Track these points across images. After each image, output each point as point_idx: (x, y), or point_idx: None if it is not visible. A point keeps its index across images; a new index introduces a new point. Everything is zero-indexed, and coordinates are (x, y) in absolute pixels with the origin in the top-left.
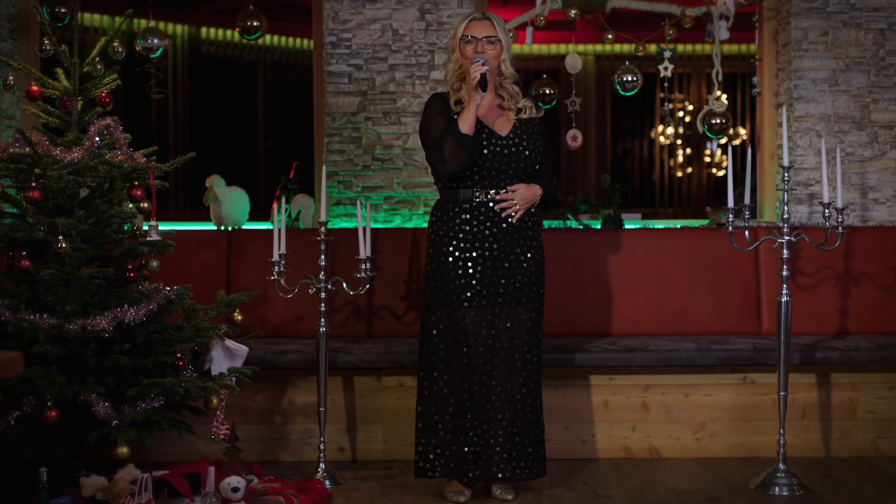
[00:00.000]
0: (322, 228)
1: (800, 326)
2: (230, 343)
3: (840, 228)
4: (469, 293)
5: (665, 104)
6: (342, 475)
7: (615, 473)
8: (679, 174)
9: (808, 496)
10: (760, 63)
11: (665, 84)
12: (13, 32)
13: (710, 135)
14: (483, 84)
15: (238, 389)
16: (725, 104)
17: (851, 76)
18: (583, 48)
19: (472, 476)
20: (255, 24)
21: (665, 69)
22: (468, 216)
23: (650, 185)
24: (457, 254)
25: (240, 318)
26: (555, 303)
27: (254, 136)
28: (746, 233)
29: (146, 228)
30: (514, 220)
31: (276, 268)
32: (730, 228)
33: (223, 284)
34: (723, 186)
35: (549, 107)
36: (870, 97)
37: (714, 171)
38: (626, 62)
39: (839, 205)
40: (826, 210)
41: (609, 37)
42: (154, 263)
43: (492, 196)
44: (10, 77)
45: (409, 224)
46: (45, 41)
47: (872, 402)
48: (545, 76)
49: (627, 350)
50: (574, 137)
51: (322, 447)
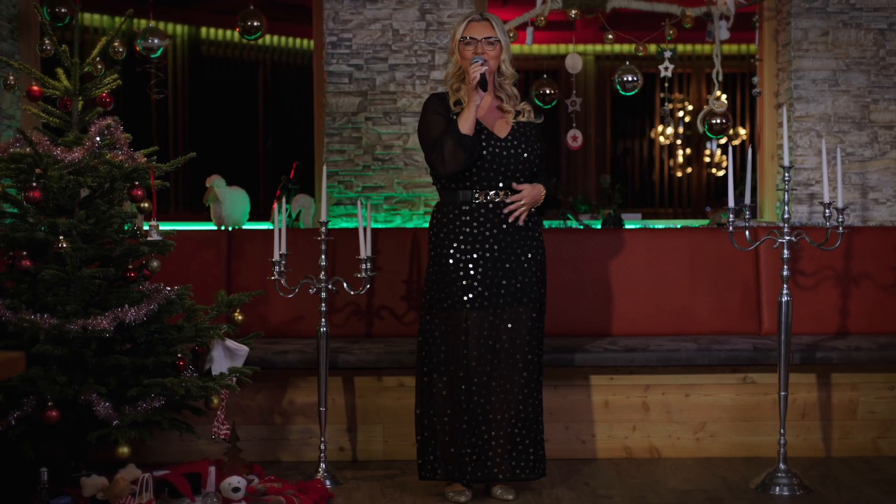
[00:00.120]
0: (322, 228)
1: (800, 326)
2: (231, 343)
3: (840, 228)
4: (471, 294)
5: (665, 104)
6: (343, 475)
7: (615, 473)
8: (679, 174)
9: (809, 496)
10: (760, 63)
11: (665, 84)
12: (13, 32)
13: (711, 135)
14: (483, 84)
15: (238, 389)
16: (725, 104)
17: (851, 76)
18: (583, 48)
19: (473, 476)
20: (256, 24)
21: (665, 69)
22: (468, 217)
23: (650, 185)
24: (458, 255)
25: (240, 318)
26: (555, 303)
27: (254, 136)
28: (747, 233)
29: (147, 228)
30: (521, 222)
31: (277, 268)
32: (730, 228)
33: (223, 284)
34: (723, 186)
35: (550, 107)
36: (870, 97)
37: (714, 171)
38: (627, 62)
39: (839, 205)
40: (826, 210)
41: (609, 37)
42: (154, 263)
43: (491, 197)
44: (11, 77)
45: (410, 224)
46: (46, 41)
47: (873, 402)
48: (545, 76)
49: (628, 350)
50: (574, 137)
51: (322, 447)
